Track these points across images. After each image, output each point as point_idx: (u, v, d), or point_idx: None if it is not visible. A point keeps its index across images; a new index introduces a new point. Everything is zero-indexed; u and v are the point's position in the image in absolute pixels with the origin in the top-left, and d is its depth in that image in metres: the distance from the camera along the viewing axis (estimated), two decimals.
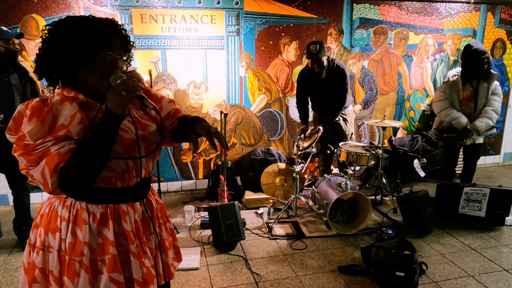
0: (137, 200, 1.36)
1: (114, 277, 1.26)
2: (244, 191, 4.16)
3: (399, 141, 4.74)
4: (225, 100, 4.39)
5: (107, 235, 1.27)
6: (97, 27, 1.19)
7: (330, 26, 4.48)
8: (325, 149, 4.03)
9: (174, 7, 3.98)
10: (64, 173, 1.11)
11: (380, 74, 4.84)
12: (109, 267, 1.26)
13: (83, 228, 1.24)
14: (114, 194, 1.29)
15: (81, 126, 1.15)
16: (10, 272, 2.81)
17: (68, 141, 1.14)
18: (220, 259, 2.97)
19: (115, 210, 1.29)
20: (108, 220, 1.27)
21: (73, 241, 1.24)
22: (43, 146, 1.12)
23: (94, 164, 1.15)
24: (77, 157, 1.13)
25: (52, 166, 1.10)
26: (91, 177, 1.17)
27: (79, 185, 1.18)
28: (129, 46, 1.28)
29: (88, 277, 1.24)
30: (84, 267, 1.24)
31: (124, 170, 1.27)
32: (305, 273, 2.79)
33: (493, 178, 4.99)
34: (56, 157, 1.11)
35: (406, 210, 3.41)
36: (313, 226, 3.51)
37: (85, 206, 1.26)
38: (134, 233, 1.32)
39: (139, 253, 1.33)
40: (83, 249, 1.24)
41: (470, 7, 4.93)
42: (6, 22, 3.65)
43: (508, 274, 2.77)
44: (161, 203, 1.54)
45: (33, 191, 3.66)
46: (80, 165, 1.13)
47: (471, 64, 3.43)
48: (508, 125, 5.53)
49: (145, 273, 1.33)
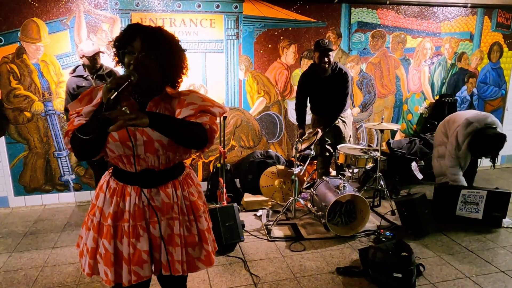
0: (142, 187, 1.49)
1: (105, 243, 1.48)
2: (243, 193, 4.18)
3: (397, 144, 4.77)
4: (224, 103, 4.41)
5: (111, 207, 1.49)
6: (124, 32, 1.42)
7: (329, 29, 4.52)
8: (324, 151, 4.05)
9: (173, 11, 4.02)
10: (71, 139, 1.41)
11: (378, 77, 4.88)
12: (104, 233, 1.49)
13: (101, 195, 1.53)
14: (121, 174, 1.51)
15: (93, 109, 1.37)
16: (11, 273, 2.83)
17: (83, 117, 1.40)
18: (219, 260, 2.99)
19: (123, 188, 1.50)
20: (115, 195, 1.50)
21: (94, 202, 1.55)
22: (72, 116, 1.45)
23: (80, 139, 1.33)
24: (77, 130, 1.35)
25: (66, 131, 1.44)
26: (82, 149, 1.42)
27: (76, 152, 1.43)
28: (154, 44, 1.38)
29: (93, 235, 1.51)
30: (93, 225, 1.52)
31: (122, 155, 1.45)
32: (303, 274, 2.81)
33: (490, 180, 5.02)
34: (71, 126, 1.42)
35: (404, 212, 3.43)
36: (311, 228, 3.53)
37: (108, 179, 1.55)
38: (131, 214, 1.48)
39: (130, 233, 1.47)
40: (96, 211, 1.52)
41: (467, 11, 4.97)
42: (7, 26, 3.68)
43: (505, 276, 2.80)
44: (193, 201, 1.57)
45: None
46: (75, 137, 1.37)
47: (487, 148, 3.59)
48: (505, 128, 5.54)
49: (132, 253, 1.48)
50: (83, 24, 3.86)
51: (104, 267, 1.49)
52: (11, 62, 3.76)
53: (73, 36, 3.86)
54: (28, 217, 3.88)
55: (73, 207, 4.14)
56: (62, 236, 3.44)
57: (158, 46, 1.39)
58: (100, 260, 1.50)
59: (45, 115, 3.96)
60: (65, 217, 3.87)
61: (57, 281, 2.73)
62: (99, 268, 1.52)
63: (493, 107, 5.48)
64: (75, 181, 4.20)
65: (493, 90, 5.41)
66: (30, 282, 2.71)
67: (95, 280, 2.71)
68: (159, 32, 1.42)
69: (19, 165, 4.01)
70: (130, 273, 1.48)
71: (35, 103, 3.91)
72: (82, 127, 1.35)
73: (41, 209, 4.09)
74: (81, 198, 4.24)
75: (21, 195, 4.09)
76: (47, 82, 3.90)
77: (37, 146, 4.01)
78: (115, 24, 3.93)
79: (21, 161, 4.01)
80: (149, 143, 1.42)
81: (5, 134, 3.72)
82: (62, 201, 4.19)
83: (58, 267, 2.92)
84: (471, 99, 5.36)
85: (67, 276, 2.79)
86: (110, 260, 1.47)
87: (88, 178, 4.22)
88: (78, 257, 2.99)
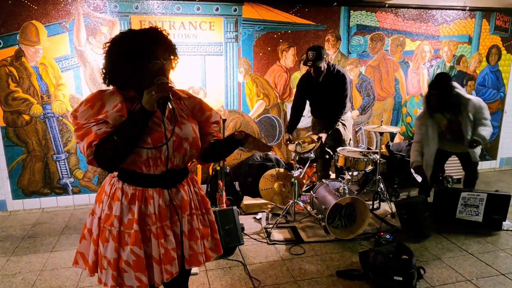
0: (164, 188, 1.52)
1: (135, 250, 1.47)
2: (243, 196, 4.17)
3: (396, 147, 4.78)
4: (224, 106, 4.41)
5: (134, 213, 1.48)
6: (143, 41, 1.42)
7: (328, 32, 4.53)
8: (324, 154, 4.05)
9: (173, 13, 4.02)
10: (96, 150, 1.36)
11: (377, 80, 4.88)
12: (132, 240, 1.47)
13: (116, 203, 1.49)
14: (142, 179, 1.50)
15: (119, 114, 1.39)
16: (9, 277, 2.80)
17: (106, 125, 1.38)
18: (219, 264, 2.97)
19: (143, 192, 1.50)
20: (135, 200, 1.49)
21: (108, 212, 1.50)
22: (87, 125, 1.38)
23: (119, 147, 1.36)
24: (108, 139, 1.36)
25: (88, 142, 1.36)
26: (116, 157, 1.40)
27: (107, 162, 1.40)
28: (174, 49, 1.50)
29: (114, 245, 1.48)
30: (112, 236, 1.48)
31: (148, 157, 1.45)
32: (303, 278, 2.79)
33: (490, 183, 5.02)
34: (93, 136, 1.36)
35: (404, 215, 3.42)
36: (311, 231, 3.52)
37: (121, 186, 1.51)
38: (157, 216, 1.50)
39: (159, 234, 1.51)
40: (113, 220, 1.48)
41: (465, 14, 4.99)
42: (5, 28, 3.68)
43: (505, 279, 2.79)
44: (202, 195, 1.70)
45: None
46: (108, 145, 1.36)
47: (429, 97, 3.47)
48: (504, 130, 5.58)
49: (163, 253, 1.51)
50: (82, 26, 3.85)
51: (136, 274, 1.48)
52: (9, 64, 3.75)
53: (72, 39, 3.85)
54: (26, 220, 3.85)
55: (72, 211, 4.11)
56: (60, 239, 3.42)
57: (174, 52, 1.51)
58: (128, 269, 1.48)
59: (43, 118, 3.95)
60: (63, 220, 3.85)
61: (55, 285, 2.71)
62: (125, 278, 1.49)
63: (491, 110, 5.48)
64: (74, 184, 4.18)
65: (492, 93, 5.42)
66: (28, 286, 2.69)
67: (94, 284, 2.69)
68: (170, 39, 1.51)
69: (17, 168, 3.99)
70: (162, 272, 1.52)
71: (34, 106, 3.90)
72: (119, 131, 1.35)
73: (40, 212, 4.07)
74: (79, 202, 4.22)
75: (19, 199, 4.06)
76: (46, 85, 3.88)
77: (35, 149, 4.00)
78: (114, 26, 3.92)
79: (19, 164, 3.99)
80: (179, 142, 1.50)
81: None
82: (61, 205, 4.17)
83: (56, 271, 2.89)
84: None
85: (65, 280, 2.77)
86: (143, 265, 1.49)
87: (87, 181, 4.21)
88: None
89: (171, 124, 1.48)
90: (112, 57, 1.44)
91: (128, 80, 1.45)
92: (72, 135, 4.05)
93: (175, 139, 1.49)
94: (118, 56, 1.42)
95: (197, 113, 1.64)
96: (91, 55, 3.93)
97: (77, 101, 3.97)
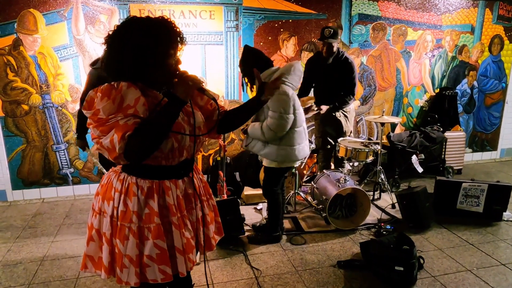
0: (180, 178, 1.54)
1: (158, 243, 1.46)
2: (243, 186, 4.17)
3: (397, 137, 4.76)
4: (224, 96, 4.38)
5: (153, 206, 1.46)
6: (163, 39, 1.40)
7: (329, 21, 4.48)
8: (326, 144, 4.03)
9: (172, 2, 3.96)
10: (130, 141, 1.29)
11: (378, 70, 4.85)
12: (154, 234, 1.45)
13: (133, 199, 1.45)
14: (159, 171, 1.48)
15: (145, 107, 1.37)
16: (10, 267, 2.81)
17: (134, 117, 1.33)
18: (220, 254, 2.98)
19: (160, 185, 1.48)
20: (154, 194, 1.47)
21: (124, 209, 1.46)
22: (113, 119, 1.32)
23: (156, 137, 1.35)
24: (143, 129, 1.32)
25: (121, 133, 1.29)
26: (151, 148, 1.36)
27: (140, 154, 1.35)
28: (183, 39, 1.47)
29: (135, 241, 1.45)
30: (132, 232, 1.45)
31: (169, 150, 1.45)
32: (304, 268, 2.80)
33: (491, 173, 5.02)
34: (125, 127, 1.30)
35: (405, 206, 3.43)
36: (312, 222, 3.53)
37: (134, 181, 1.47)
38: (176, 207, 1.51)
39: (180, 224, 1.52)
40: (132, 217, 1.45)
41: (468, 3, 4.93)
42: (3, 17, 3.63)
43: (505, 269, 2.80)
44: (205, 182, 1.75)
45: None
46: (144, 136, 1.32)
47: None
48: (505, 121, 5.56)
49: (185, 243, 1.52)
50: (81, 15, 3.80)
51: (161, 267, 1.47)
52: (7, 54, 3.71)
53: (70, 27, 3.80)
54: (26, 210, 3.85)
55: (72, 201, 4.11)
56: (61, 229, 3.42)
57: (183, 39, 1.49)
58: (151, 263, 1.46)
59: (43, 108, 3.92)
60: (64, 211, 3.85)
61: (57, 274, 2.71)
62: (147, 272, 1.47)
63: (493, 100, 5.47)
64: (74, 175, 4.17)
65: (494, 83, 5.39)
66: (29, 276, 2.70)
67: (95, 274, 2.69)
68: (181, 31, 1.50)
69: (17, 159, 3.98)
70: (186, 262, 1.53)
71: (33, 96, 3.86)
72: (155, 122, 1.34)
73: (40, 202, 4.06)
74: (80, 192, 4.21)
75: (19, 189, 4.06)
76: (45, 74, 3.85)
77: (35, 139, 3.98)
78: (113, 15, 3.87)
79: (19, 154, 3.97)
80: (191, 132, 1.52)
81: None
82: (61, 195, 4.17)
83: (57, 261, 2.90)
84: (472, 92, 5.34)
85: (67, 269, 2.77)
86: (167, 257, 1.48)
87: (87, 172, 4.19)
88: (77, 251, 2.99)
89: (186, 114, 1.52)
90: (127, 52, 1.38)
91: (142, 74, 1.42)
92: (71, 125, 4.02)
93: (190, 128, 1.52)
94: (135, 52, 1.37)
95: (196, 99, 1.64)
96: (90, 44, 3.88)
97: (77, 91, 3.94)
